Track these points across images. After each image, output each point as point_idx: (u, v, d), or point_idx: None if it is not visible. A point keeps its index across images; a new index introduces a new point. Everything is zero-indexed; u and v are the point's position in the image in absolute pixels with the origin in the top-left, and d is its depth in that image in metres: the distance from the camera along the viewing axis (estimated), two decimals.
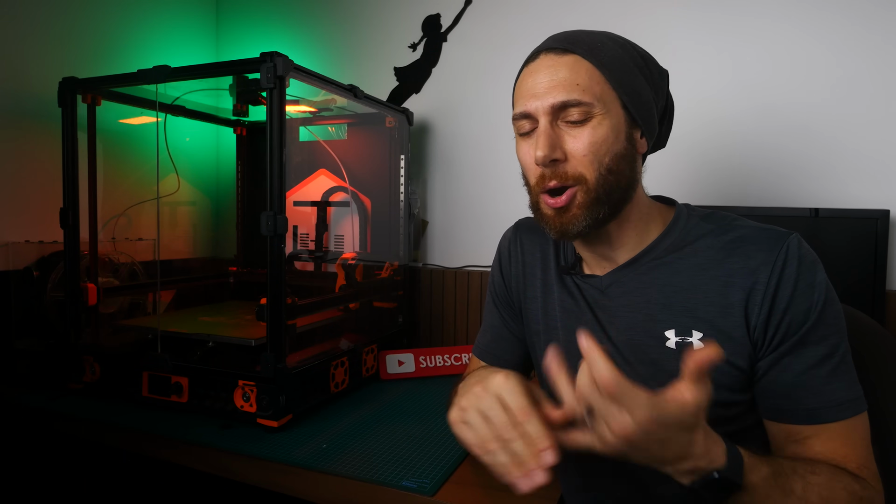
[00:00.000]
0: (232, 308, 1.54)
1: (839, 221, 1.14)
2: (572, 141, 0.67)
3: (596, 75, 0.67)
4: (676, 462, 0.55)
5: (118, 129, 1.51)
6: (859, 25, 1.22)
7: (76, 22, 1.47)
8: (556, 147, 0.67)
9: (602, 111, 0.67)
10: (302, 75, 1.10)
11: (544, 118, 0.68)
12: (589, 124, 0.67)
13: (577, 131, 0.67)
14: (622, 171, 0.69)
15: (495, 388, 0.58)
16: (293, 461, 0.91)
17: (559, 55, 0.69)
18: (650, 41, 0.78)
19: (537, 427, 0.55)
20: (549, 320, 0.82)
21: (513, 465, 0.55)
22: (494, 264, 0.93)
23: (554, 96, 0.67)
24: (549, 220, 0.71)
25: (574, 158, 0.68)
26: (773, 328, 0.65)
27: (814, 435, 0.64)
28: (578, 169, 0.68)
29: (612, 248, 0.75)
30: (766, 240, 0.67)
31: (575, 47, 0.68)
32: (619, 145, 0.68)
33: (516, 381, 0.58)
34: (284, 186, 1.04)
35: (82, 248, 1.26)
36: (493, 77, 1.56)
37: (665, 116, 0.77)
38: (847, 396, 0.64)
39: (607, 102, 0.67)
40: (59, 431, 1.12)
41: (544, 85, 0.68)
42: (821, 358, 0.64)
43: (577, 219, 0.68)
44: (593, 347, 0.51)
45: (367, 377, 1.33)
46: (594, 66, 0.67)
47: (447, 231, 1.64)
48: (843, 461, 0.63)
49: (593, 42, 0.69)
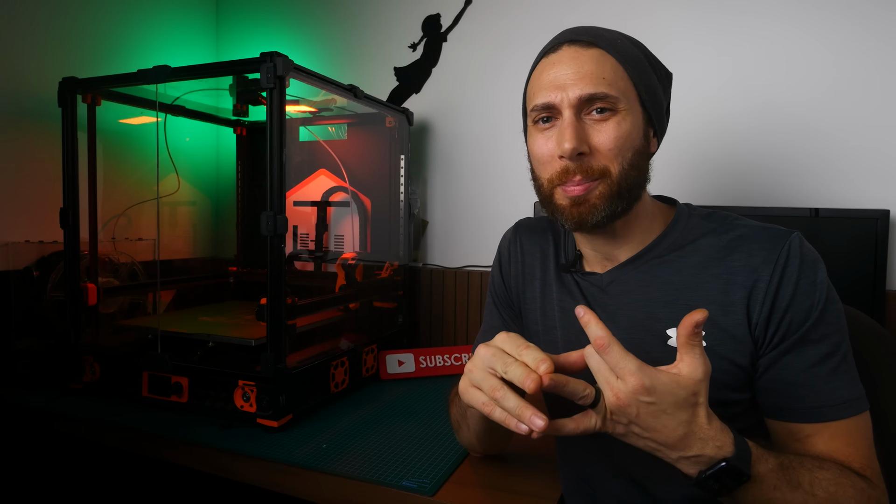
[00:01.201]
0: (232, 308, 1.54)
1: (839, 221, 1.14)
2: (597, 135, 0.67)
3: (620, 71, 0.67)
4: (681, 446, 0.55)
5: (118, 129, 1.51)
6: (859, 25, 1.22)
7: (76, 22, 1.47)
8: (583, 140, 0.66)
9: (626, 106, 0.67)
10: (302, 75, 1.10)
11: (569, 111, 0.66)
12: (614, 119, 0.67)
13: (602, 125, 0.67)
14: (641, 167, 0.70)
15: (495, 342, 0.60)
16: (293, 461, 0.91)
17: (584, 48, 0.68)
18: (650, 41, 0.78)
19: (535, 353, 0.56)
20: (547, 320, 0.82)
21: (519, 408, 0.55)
22: (494, 265, 0.93)
23: (581, 88, 0.66)
24: (566, 210, 0.69)
25: (599, 152, 0.67)
26: (775, 326, 0.65)
27: (815, 433, 0.64)
28: (603, 162, 0.67)
29: (615, 245, 0.75)
30: (767, 238, 0.68)
31: (599, 41, 0.68)
32: (639, 142, 0.69)
33: (515, 335, 0.60)
34: (284, 186, 1.04)
35: (82, 248, 1.26)
36: (493, 77, 1.56)
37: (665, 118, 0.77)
38: (849, 395, 0.64)
39: (630, 99, 0.68)
40: (59, 431, 1.12)
41: (570, 76, 0.67)
42: (822, 356, 0.64)
43: (596, 209, 0.68)
44: (589, 312, 0.55)
45: (367, 377, 1.33)
46: (617, 61, 0.67)
47: (447, 231, 1.64)
48: (847, 460, 0.63)
49: (614, 38, 0.69)
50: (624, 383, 0.53)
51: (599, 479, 0.78)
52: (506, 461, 0.93)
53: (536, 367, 0.54)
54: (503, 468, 0.91)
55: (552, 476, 0.88)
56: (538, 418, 0.53)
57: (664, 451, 0.56)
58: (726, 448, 0.55)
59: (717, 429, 0.55)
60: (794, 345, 0.65)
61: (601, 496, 0.78)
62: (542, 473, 0.89)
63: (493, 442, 0.90)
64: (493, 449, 0.93)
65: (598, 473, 0.78)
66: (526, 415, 0.54)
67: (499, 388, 0.56)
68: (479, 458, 0.94)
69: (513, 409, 0.55)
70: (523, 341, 0.58)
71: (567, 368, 0.58)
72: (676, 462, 0.56)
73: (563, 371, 0.58)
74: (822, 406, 0.64)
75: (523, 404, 0.55)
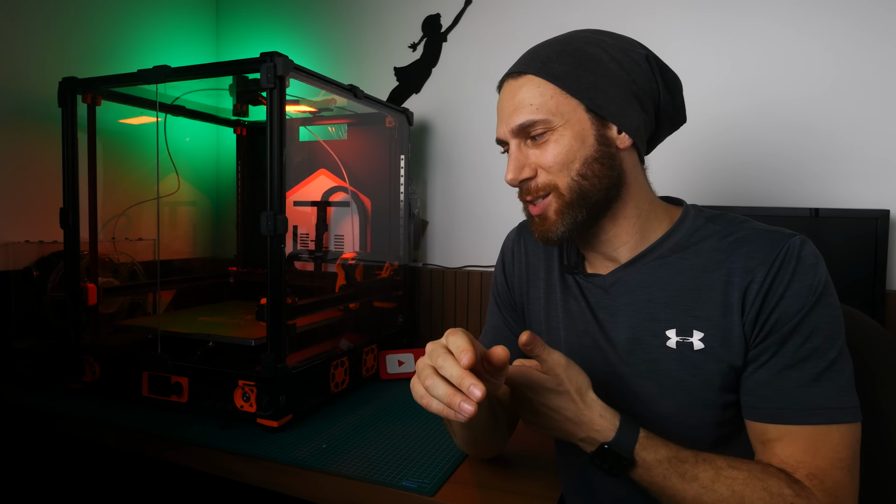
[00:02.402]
0: (232, 308, 1.54)
1: (839, 221, 1.14)
2: (538, 156, 0.71)
3: (548, 90, 0.69)
4: (572, 430, 0.65)
5: (118, 129, 1.51)
6: (859, 25, 1.22)
7: (76, 22, 1.47)
8: (524, 167, 0.72)
9: (561, 122, 0.69)
10: (302, 75, 1.10)
11: (512, 141, 0.73)
12: (551, 138, 0.70)
13: (541, 148, 0.71)
14: (597, 173, 0.70)
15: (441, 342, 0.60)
16: (293, 461, 0.91)
17: (515, 79, 0.72)
18: (651, 41, 0.78)
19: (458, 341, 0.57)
20: (551, 321, 0.82)
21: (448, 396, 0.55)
22: (497, 265, 0.93)
23: (513, 120, 0.71)
24: (534, 227, 0.75)
25: (543, 171, 0.71)
26: (760, 325, 0.65)
27: (778, 438, 0.63)
28: (549, 178, 0.71)
29: (611, 245, 0.75)
30: (768, 241, 0.67)
31: (528, 67, 0.71)
32: (588, 149, 0.69)
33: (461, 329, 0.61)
34: (284, 186, 1.04)
35: (82, 248, 1.26)
36: (493, 77, 1.54)
37: (661, 103, 0.73)
38: (825, 403, 0.62)
39: (565, 113, 0.69)
40: (59, 431, 1.12)
41: (506, 111, 0.73)
42: (801, 360, 0.63)
43: (554, 225, 0.72)
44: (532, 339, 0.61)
45: (367, 377, 1.33)
46: (547, 80, 0.69)
47: (447, 231, 1.64)
48: (795, 466, 0.62)
49: (549, 55, 0.70)
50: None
51: (599, 480, 0.78)
52: (506, 461, 0.93)
53: (459, 357, 0.56)
54: (503, 468, 0.91)
55: (552, 476, 0.88)
56: (467, 404, 0.54)
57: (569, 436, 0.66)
58: (605, 433, 0.63)
59: (597, 414, 0.64)
60: (774, 344, 0.64)
61: (601, 496, 0.78)
62: (542, 473, 0.89)
63: (481, 447, 0.89)
64: (486, 453, 0.92)
65: (598, 474, 0.77)
66: (455, 401, 0.54)
67: (429, 376, 0.57)
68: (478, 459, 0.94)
69: (443, 397, 0.55)
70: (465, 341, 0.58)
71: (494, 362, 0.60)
72: (579, 445, 0.66)
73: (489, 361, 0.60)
74: (786, 408, 0.63)
75: (452, 391, 0.55)
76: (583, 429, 0.64)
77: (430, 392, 0.56)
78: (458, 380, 0.55)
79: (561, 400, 0.64)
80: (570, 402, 0.64)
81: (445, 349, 0.58)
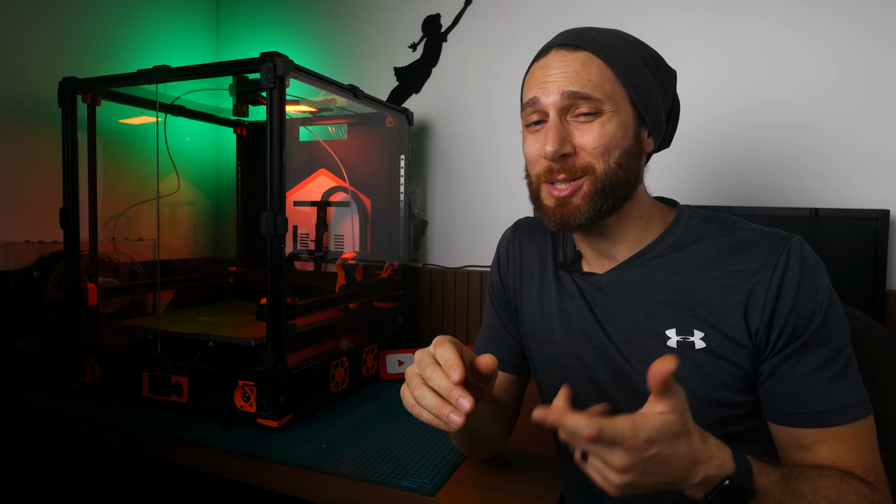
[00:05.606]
0: (232, 308, 1.54)
1: (839, 221, 1.14)
2: (581, 135, 0.68)
3: (606, 73, 0.67)
4: (689, 476, 0.53)
5: (118, 129, 1.51)
6: (859, 25, 1.22)
7: (76, 22, 1.47)
8: (566, 141, 0.67)
9: (611, 108, 0.67)
10: (302, 75, 1.10)
11: (554, 111, 0.68)
12: (598, 120, 0.67)
13: (586, 126, 0.67)
14: (629, 166, 0.69)
15: (430, 350, 0.61)
16: (293, 461, 0.91)
17: (570, 51, 0.69)
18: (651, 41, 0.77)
19: (447, 354, 0.57)
20: (544, 321, 0.82)
21: (437, 407, 0.55)
22: (493, 265, 0.93)
23: (567, 86, 0.67)
24: (550, 211, 0.71)
25: (584, 151, 0.68)
26: (777, 331, 0.65)
27: (820, 440, 0.64)
28: (587, 160, 0.68)
29: (612, 244, 0.75)
30: (768, 243, 0.67)
31: (585, 44, 0.68)
32: (628, 142, 0.69)
33: (450, 338, 0.61)
34: (284, 186, 1.04)
35: (82, 248, 1.26)
36: (493, 77, 1.56)
37: (671, 117, 0.77)
38: (852, 400, 0.64)
39: (617, 100, 0.68)
40: (59, 431, 1.12)
41: (555, 77, 0.68)
42: (825, 361, 0.64)
43: (579, 210, 0.68)
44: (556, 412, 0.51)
45: (367, 377, 1.33)
46: (605, 63, 0.68)
47: (447, 231, 1.64)
48: (851, 466, 0.63)
49: (604, 39, 0.69)
50: (624, 449, 0.50)
51: None
52: (506, 461, 0.93)
53: (449, 373, 0.55)
54: (503, 468, 0.91)
55: (552, 476, 0.88)
56: (456, 415, 0.53)
57: (672, 486, 0.54)
58: (727, 465, 0.55)
59: (713, 446, 0.55)
60: (798, 349, 0.65)
61: (601, 496, 0.78)
62: (542, 473, 0.89)
63: (478, 448, 0.90)
64: (483, 454, 0.92)
65: None
66: (444, 413, 0.54)
67: (418, 386, 0.57)
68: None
69: (432, 409, 0.55)
70: (452, 353, 0.58)
71: (483, 370, 0.59)
72: (686, 491, 0.55)
73: (478, 369, 0.59)
74: (825, 411, 0.64)
75: (440, 402, 0.55)
76: (703, 468, 0.54)
77: (419, 403, 0.57)
78: (447, 392, 0.55)
79: (688, 442, 0.52)
80: (695, 441, 0.53)
81: (433, 359, 0.57)
